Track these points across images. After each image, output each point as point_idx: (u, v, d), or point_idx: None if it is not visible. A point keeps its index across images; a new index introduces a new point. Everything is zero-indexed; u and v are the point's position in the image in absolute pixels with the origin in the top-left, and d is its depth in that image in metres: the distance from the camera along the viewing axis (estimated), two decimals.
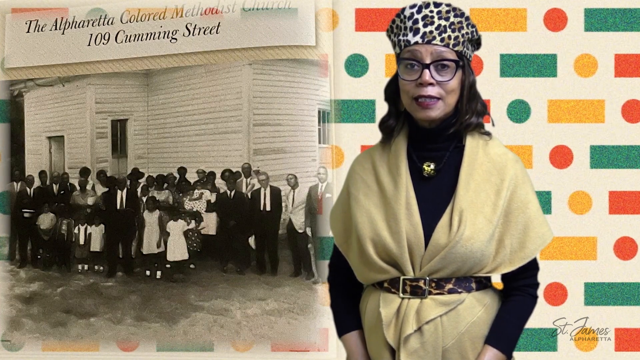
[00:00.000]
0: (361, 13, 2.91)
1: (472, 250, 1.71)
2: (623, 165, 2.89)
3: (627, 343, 2.88)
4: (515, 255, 1.77)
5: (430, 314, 1.72)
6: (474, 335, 1.75)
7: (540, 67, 2.89)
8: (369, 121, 2.89)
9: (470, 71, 1.78)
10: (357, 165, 1.88)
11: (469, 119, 1.77)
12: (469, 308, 1.75)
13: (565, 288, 2.88)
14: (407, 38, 1.74)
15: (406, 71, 1.74)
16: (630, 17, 2.88)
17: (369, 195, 1.81)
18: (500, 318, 1.78)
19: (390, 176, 1.79)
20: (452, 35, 1.73)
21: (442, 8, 1.74)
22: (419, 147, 1.80)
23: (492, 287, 1.83)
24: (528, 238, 1.77)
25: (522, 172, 1.80)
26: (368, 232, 1.77)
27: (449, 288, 1.74)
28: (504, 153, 1.80)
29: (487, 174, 1.77)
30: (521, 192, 1.77)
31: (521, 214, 1.76)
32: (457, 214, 1.71)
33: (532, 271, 1.83)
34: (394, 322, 1.75)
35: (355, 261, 1.84)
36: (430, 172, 1.78)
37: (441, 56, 1.72)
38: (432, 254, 1.72)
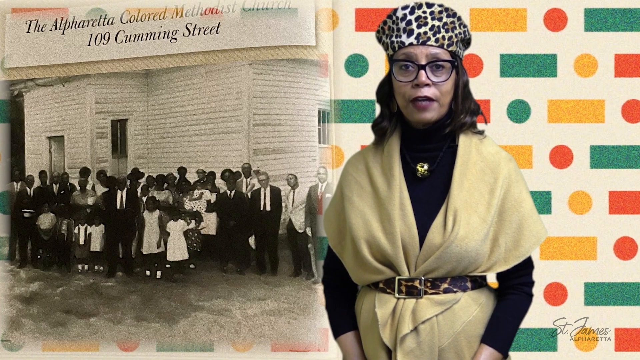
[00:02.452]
0: (361, 13, 2.91)
1: (467, 250, 1.71)
2: (623, 165, 2.89)
3: (627, 343, 2.88)
4: (510, 254, 1.77)
5: (426, 313, 1.73)
6: (470, 334, 1.76)
7: (540, 67, 2.89)
8: (369, 121, 2.86)
9: (463, 71, 1.79)
10: (350, 166, 1.88)
11: (463, 119, 1.77)
12: (465, 307, 1.75)
13: (565, 288, 2.88)
14: (401, 39, 1.74)
15: (401, 72, 1.74)
16: (630, 17, 2.88)
17: (362, 197, 1.81)
18: (496, 317, 1.79)
19: (384, 177, 1.79)
20: (445, 36, 1.73)
21: (434, 9, 1.75)
22: (412, 148, 1.80)
23: (487, 286, 1.84)
24: (522, 236, 1.77)
25: (516, 171, 1.80)
26: (362, 233, 1.77)
27: (445, 287, 1.75)
28: (497, 152, 1.81)
29: (481, 173, 1.77)
30: (515, 190, 1.78)
31: (515, 212, 1.77)
32: (452, 213, 1.72)
33: (527, 269, 1.83)
34: (389, 322, 1.76)
35: (350, 262, 1.84)
36: (423, 173, 1.78)
37: (436, 57, 1.72)
38: (427, 254, 1.73)
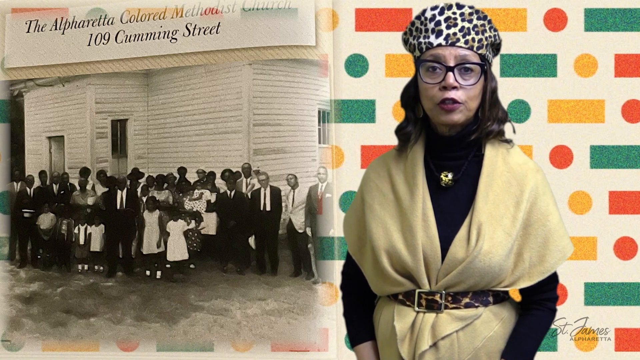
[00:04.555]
0: (361, 13, 2.91)
1: (491, 265, 1.66)
2: (623, 165, 2.89)
3: (627, 343, 2.88)
4: (535, 269, 1.71)
5: (446, 329, 1.68)
6: (490, 350, 1.71)
7: (540, 67, 2.89)
8: (369, 121, 2.89)
9: (492, 76, 1.73)
10: (372, 172, 1.83)
11: (490, 126, 1.71)
12: (486, 322, 1.71)
13: (565, 288, 2.88)
14: (429, 40, 1.68)
15: (428, 74, 1.68)
16: (630, 17, 2.88)
17: (384, 205, 1.76)
18: (518, 332, 1.74)
19: (407, 186, 1.74)
20: (475, 38, 1.67)
21: (464, 10, 1.69)
22: (436, 156, 1.75)
23: (509, 299, 1.79)
24: (548, 252, 1.71)
25: (543, 183, 1.74)
26: (383, 243, 1.72)
27: (466, 302, 1.70)
28: (524, 162, 1.75)
29: (507, 184, 1.71)
30: (542, 203, 1.72)
31: (541, 226, 1.71)
32: (476, 227, 1.66)
33: (551, 284, 1.77)
34: (408, 337, 1.71)
35: (370, 272, 1.80)
36: (448, 182, 1.73)
37: (465, 59, 1.66)
38: (449, 268, 1.68)
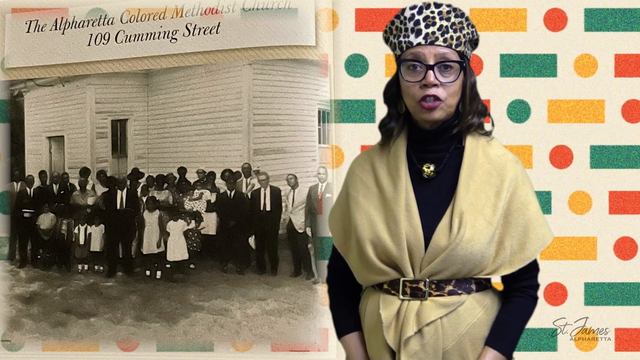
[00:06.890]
0: (361, 13, 2.91)
1: (473, 252, 1.71)
2: (623, 165, 2.89)
3: (627, 343, 2.88)
4: (515, 256, 1.76)
5: (430, 315, 1.72)
6: (474, 336, 1.75)
7: (540, 67, 2.89)
8: (369, 121, 2.89)
9: (471, 72, 1.78)
10: (356, 166, 1.88)
11: (470, 120, 1.77)
12: (469, 309, 1.75)
13: (565, 288, 2.88)
14: (409, 39, 1.74)
15: (409, 72, 1.73)
16: (630, 17, 2.88)
17: (368, 197, 1.80)
18: (501, 319, 1.78)
19: (390, 178, 1.79)
20: (454, 36, 1.72)
21: (442, 8, 1.74)
22: (418, 149, 1.79)
23: (492, 288, 1.83)
24: (528, 239, 1.76)
25: (522, 173, 1.80)
26: (368, 234, 1.76)
27: (449, 290, 1.74)
28: (503, 154, 1.80)
29: (487, 175, 1.76)
30: (521, 193, 1.77)
31: (521, 215, 1.76)
32: (457, 215, 1.71)
33: (533, 272, 1.82)
34: (394, 324, 1.75)
35: (355, 263, 1.84)
36: (429, 174, 1.77)
37: (444, 57, 1.71)
38: (432, 256, 1.72)
